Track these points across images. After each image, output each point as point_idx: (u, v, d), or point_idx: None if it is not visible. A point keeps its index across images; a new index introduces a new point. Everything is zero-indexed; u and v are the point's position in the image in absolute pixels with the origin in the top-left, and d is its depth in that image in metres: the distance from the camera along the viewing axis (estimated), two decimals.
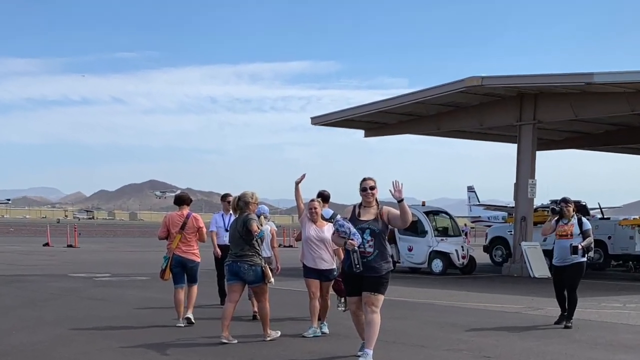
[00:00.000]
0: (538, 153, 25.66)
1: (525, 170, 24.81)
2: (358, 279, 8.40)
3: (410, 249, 23.87)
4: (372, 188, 8.56)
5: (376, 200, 8.58)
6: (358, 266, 8.28)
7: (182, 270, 11.43)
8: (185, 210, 11.52)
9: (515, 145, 25.60)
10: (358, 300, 8.59)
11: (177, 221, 11.42)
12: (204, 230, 11.60)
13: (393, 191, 8.17)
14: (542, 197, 27.57)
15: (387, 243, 8.55)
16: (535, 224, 25.00)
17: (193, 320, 11.34)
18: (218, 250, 13.40)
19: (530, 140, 24.82)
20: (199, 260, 11.58)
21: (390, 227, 8.56)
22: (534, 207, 26.29)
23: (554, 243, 12.53)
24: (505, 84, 23.74)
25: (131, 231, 75.89)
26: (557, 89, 23.39)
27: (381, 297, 8.45)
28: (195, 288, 11.60)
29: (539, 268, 23.06)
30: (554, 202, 16.00)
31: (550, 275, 18.08)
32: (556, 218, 12.24)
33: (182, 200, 11.64)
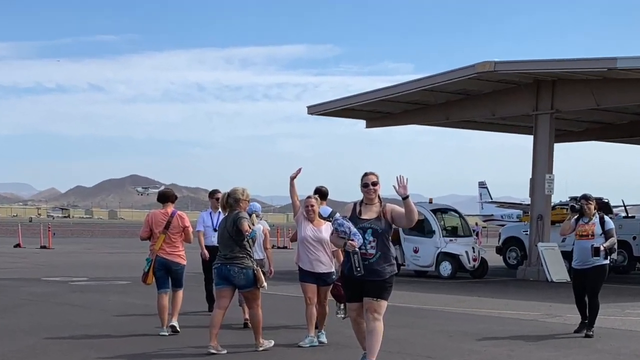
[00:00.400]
0: (556, 145, 25.67)
1: (542, 165, 24.82)
2: (359, 283, 8.40)
3: (416, 251, 23.90)
4: (375, 184, 8.56)
5: (379, 197, 8.58)
6: (359, 269, 8.28)
7: (166, 274, 11.43)
8: (170, 208, 11.52)
9: (531, 137, 25.61)
10: (359, 307, 8.59)
11: (161, 220, 11.42)
12: (190, 230, 11.60)
13: (397, 187, 8.17)
14: (560, 193, 27.66)
15: (390, 244, 8.55)
16: (553, 223, 25.01)
17: (178, 329, 11.34)
18: (206, 251, 13.39)
19: (547, 132, 24.83)
20: (184, 262, 11.58)
21: (394, 226, 8.57)
22: (552, 204, 26.31)
23: (573, 244, 12.54)
24: (520, 69, 23.74)
25: (110, 231, 75.91)
26: (577, 75, 23.39)
27: (384, 303, 8.45)
28: (180, 293, 11.60)
29: (557, 271, 23.09)
30: (574, 199, 16.05)
31: (569, 280, 18.10)
32: (576, 217, 12.25)
33: (166, 197, 11.64)
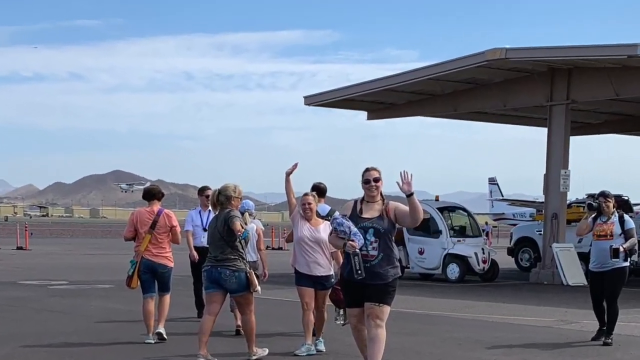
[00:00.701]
0: (572, 139, 25.69)
1: (557, 159, 24.84)
2: (360, 287, 8.40)
3: (421, 252, 23.90)
4: (377, 180, 8.55)
5: (381, 194, 8.58)
6: (360, 272, 8.28)
7: (152, 277, 11.43)
8: (156, 206, 11.52)
9: (545, 130, 25.62)
10: (360, 313, 8.59)
11: (147, 219, 11.42)
12: (178, 229, 11.60)
13: (401, 184, 8.17)
14: (576, 190, 27.61)
15: (394, 245, 8.55)
16: (568, 222, 25.03)
17: (165, 336, 11.35)
18: (195, 253, 13.39)
19: (562, 124, 24.84)
20: (172, 265, 11.59)
21: (397, 226, 8.56)
22: (567, 202, 26.33)
23: (590, 245, 12.55)
24: (534, 57, 23.75)
25: (92, 230, 75.95)
26: (595, 63, 23.40)
27: (387, 309, 8.45)
28: (167, 298, 11.60)
29: (573, 274, 23.11)
30: (591, 196, 16.04)
31: (586, 283, 18.11)
32: (593, 215, 12.26)
33: (152, 194, 11.64)
